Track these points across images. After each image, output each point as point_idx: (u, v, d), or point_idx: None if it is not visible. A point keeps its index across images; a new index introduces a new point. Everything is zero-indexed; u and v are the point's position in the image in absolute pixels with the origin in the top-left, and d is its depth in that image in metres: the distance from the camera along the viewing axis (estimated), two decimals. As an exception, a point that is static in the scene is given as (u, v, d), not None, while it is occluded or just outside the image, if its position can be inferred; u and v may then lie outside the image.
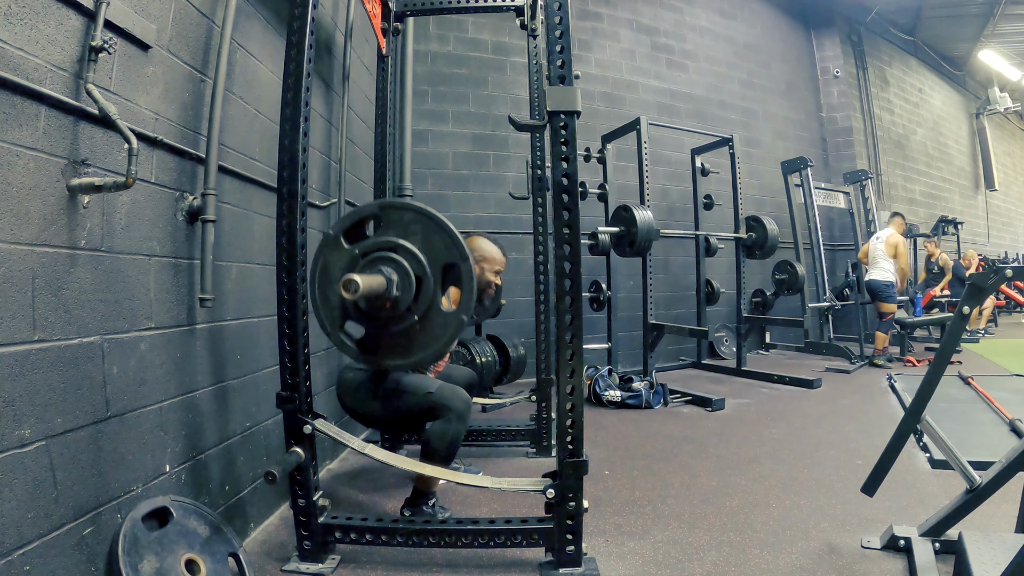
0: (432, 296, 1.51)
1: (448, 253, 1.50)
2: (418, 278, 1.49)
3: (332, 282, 1.53)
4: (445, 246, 1.50)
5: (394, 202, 1.54)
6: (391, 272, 1.47)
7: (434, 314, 1.53)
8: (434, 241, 1.51)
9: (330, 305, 1.56)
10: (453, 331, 1.54)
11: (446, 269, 1.51)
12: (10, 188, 1.15)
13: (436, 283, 1.51)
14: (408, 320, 1.52)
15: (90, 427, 1.33)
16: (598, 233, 4.22)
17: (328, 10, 2.98)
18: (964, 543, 1.50)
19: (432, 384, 1.97)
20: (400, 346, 1.56)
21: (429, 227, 1.51)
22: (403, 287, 1.48)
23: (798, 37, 7.91)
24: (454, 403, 1.93)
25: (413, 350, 1.56)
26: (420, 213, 1.51)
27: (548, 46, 1.67)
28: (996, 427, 3.18)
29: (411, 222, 1.52)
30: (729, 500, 2.29)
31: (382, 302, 1.47)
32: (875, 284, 5.58)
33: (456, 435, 1.93)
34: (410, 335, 1.54)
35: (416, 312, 1.51)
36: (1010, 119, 12.95)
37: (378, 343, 1.57)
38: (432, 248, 1.50)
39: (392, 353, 1.57)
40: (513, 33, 5.16)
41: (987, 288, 1.69)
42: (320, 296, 1.57)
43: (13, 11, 1.15)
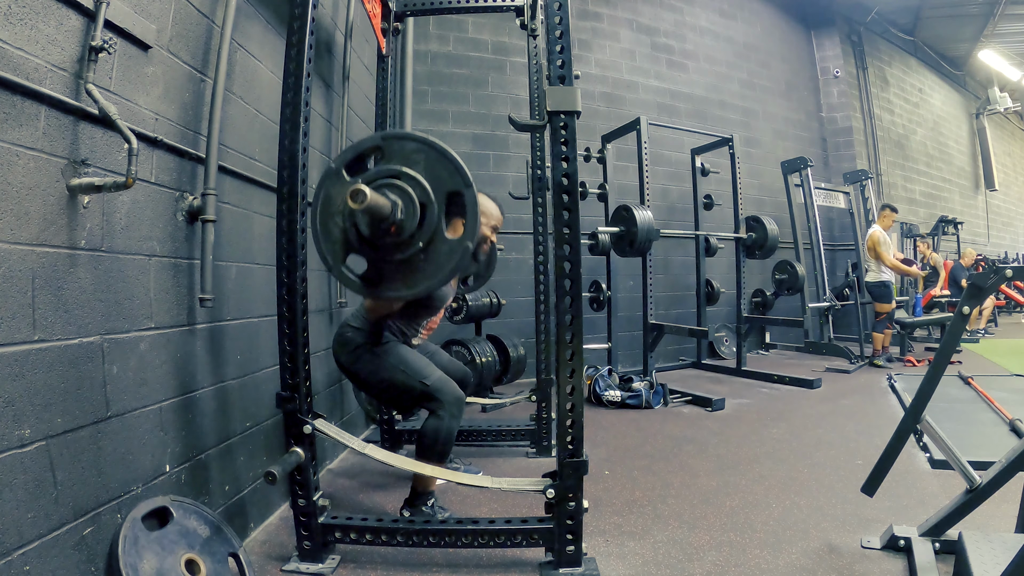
0: (436, 223, 1.48)
1: (452, 181, 1.47)
2: (422, 204, 1.46)
3: (334, 215, 1.51)
4: (449, 174, 1.47)
5: (396, 132, 1.51)
6: (396, 197, 1.45)
7: (438, 241, 1.49)
8: (438, 169, 1.48)
9: (332, 239, 1.52)
10: (457, 259, 1.49)
11: (450, 197, 1.48)
12: (10, 188, 1.15)
13: (440, 210, 1.48)
14: (412, 247, 1.48)
15: (90, 427, 1.33)
16: (598, 233, 4.22)
17: (328, 10, 2.98)
18: (964, 543, 1.50)
19: (430, 373, 1.97)
20: (403, 276, 1.52)
21: (432, 156, 1.48)
22: (407, 212, 1.45)
23: (798, 37, 7.91)
24: (446, 397, 1.94)
25: (417, 279, 1.52)
26: (423, 143, 1.49)
27: (548, 46, 1.67)
28: (996, 427, 3.18)
29: (413, 152, 1.49)
30: (729, 500, 2.29)
31: (386, 226, 1.44)
32: (868, 285, 5.60)
33: (449, 432, 1.94)
34: (414, 264, 1.50)
35: (420, 239, 1.47)
36: (1010, 119, 12.95)
37: (380, 275, 1.53)
38: (436, 176, 1.47)
39: (395, 283, 1.53)
40: (513, 33, 5.16)
41: (987, 288, 1.69)
42: (322, 230, 1.53)
43: (13, 11, 1.15)
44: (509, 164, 5.17)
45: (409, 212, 1.46)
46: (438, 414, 1.94)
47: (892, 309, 5.57)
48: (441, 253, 1.49)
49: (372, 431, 3.33)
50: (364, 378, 2.06)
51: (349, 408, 3.20)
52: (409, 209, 1.45)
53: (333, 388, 2.97)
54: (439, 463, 1.94)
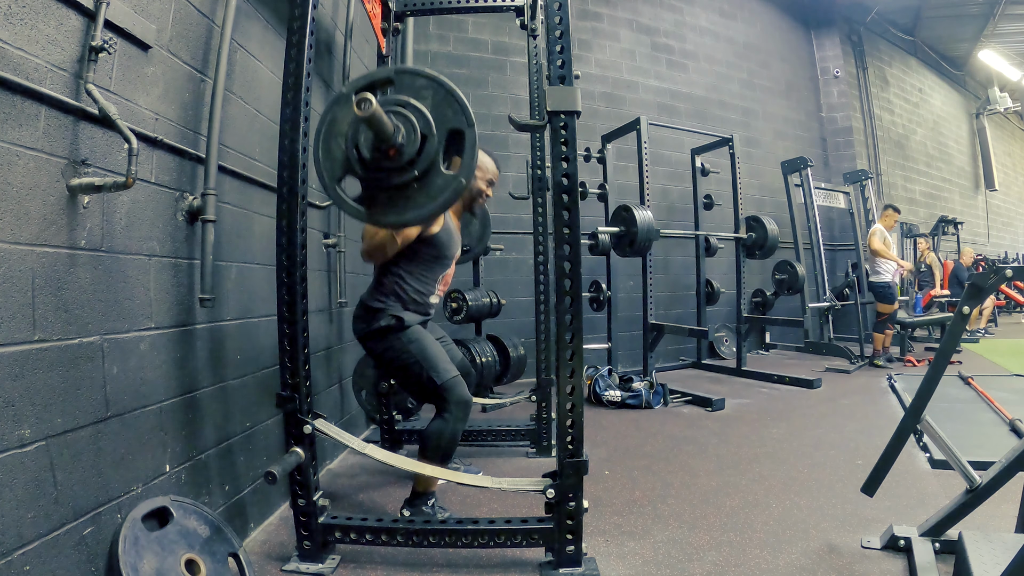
0: (435, 155, 1.50)
1: (456, 119, 1.50)
2: (424, 135, 1.49)
3: (337, 136, 1.52)
4: (453, 112, 1.50)
5: (408, 68, 1.55)
6: (399, 123, 1.48)
7: (434, 174, 1.51)
8: (443, 107, 1.51)
9: (332, 158, 1.54)
10: (450, 194, 1.51)
11: (452, 134, 1.50)
12: (10, 188, 1.15)
13: (440, 144, 1.50)
14: (408, 174, 1.50)
15: (90, 427, 1.33)
16: (598, 233, 4.22)
17: (328, 10, 2.98)
18: (964, 543, 1.50)
19: (444, 371, 1.97)
20: (395, 203, 1.54)
21: (440, 94, 1.51)
22: (409, 139, 1.48)
23: (798, 37, 7.91)
24: (453, 399, 1.94)
25: (408, 208, 1.53)
26: (433, 80, 1.52)
27: (548, 46, 1.67)
28: (996, 427, 3.18)
29: (423, 87, 1.52)
30: (729, 500, 2.29)
31: (386, 148, 1.47)
32: (871, 285, 5.59)
33: (454, 434, 1.94)
34: (407, 192, 1.52)
35: (417, 167, 1.50)
36: (1010, 119, 12.95)
37: (373, 200, 1.55)
38: (441, 112, 1.50)
39: (386, 208, 1.55)
40: (513, 33, 5.16)
41: (987, 288, 1.69)
42: (323, 150, 1.55)
43: (13, 11, 1.15)
44: (509, 164, 5.16)
45: (410, 138, 1.48)
46: (443, 416, 1.94)
47: (894, 310, 5.56)
48: (435, 185, 1.51)
49: (372, 431, 3.33)
50: (383, 359, 2.07)
51: (349, 408, 3.20)
52: (411, 136, 1.48)
53: (333, 388, 2.97)
54: (441, 464, 1.95)
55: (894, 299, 5.57)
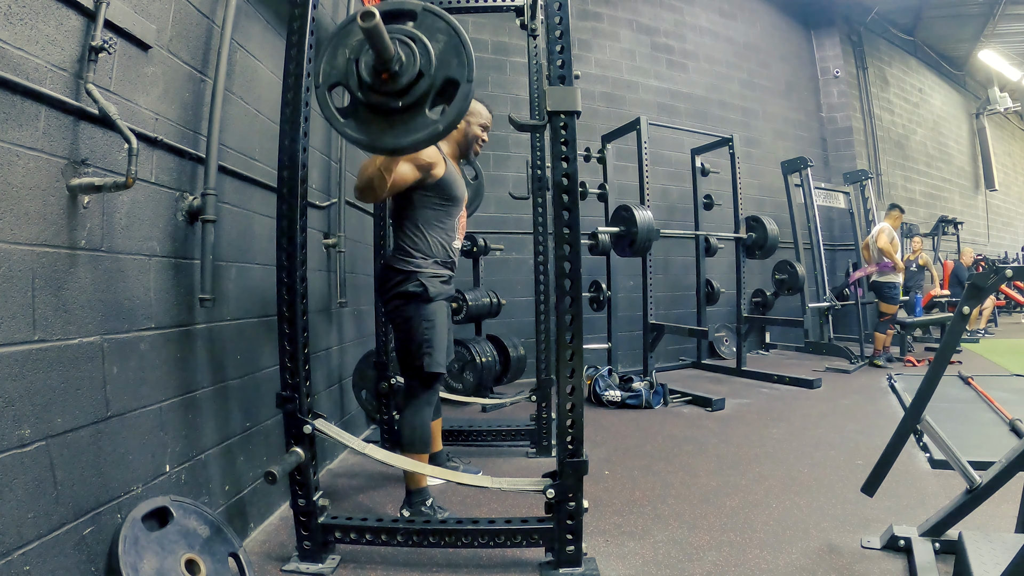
0: (424, 94, 1.51)
1: (457, 69, 1.52)
2: (421, 72, 1.50)
3: (345, 47, 1.55)
4: (458, 63, 1.52)
5: (435, 9, 1.58)
6: (401, 51, 1.49)
7: (416, 112, 1.53)
8: (450, 53, 1.52)
9: (333, 63, 1.56)
10: (424, 136, 1.53)
11: (448, 82, 1.52)
12: (10, 188, 1.15)
13: (434, 87, 1.52)
14: (392, 103, 1.52)
15: (90, 427, 1.33)
16: (598, 233, 4.22)
17: (328, 10, 2.98)
18: (964, 543, 1.50)
19: (435, 361, 2.02)
20: (373, 125, 1.56)
21: (453, 41, 1.53)
22: (405, 69, 1.49)
23: (798, 37, 7.91)
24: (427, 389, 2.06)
25: (383, 134, 1.55)
26: (452, 29, 1.55)
27: (548, 46, 1.67)
28: (996, 427, 3.18)
29: (440, 31, 1.54)
30: (729, 500, 2.29)
31: (382, 68, 1.48)
32: (875, 284, 5.56)
33: (423, 420, 2.05)
34: (387, 120, 1.54)
35: (403, 100, 1.51)
36: (1010, 119, 12.95)
37: (356, 114, 1.57)
38: (446, 57, 1.52)
39: (362, 128, 1.57)
40: (513, 33, 5.17)
41: (987, 288, 1.69)
42: (329, 53, 1.57)
43: (13, 11, 1.15)
44: (509, 164, 5.17)
45: (407, 68, 1.49)
46: (410, 403, 2.07)
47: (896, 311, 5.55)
48: (415, 121, 1.53)
49: (372, 431, 3.33)
50: (396, 321, 2.12)
51: (349, 408, 3.20)
52: (408, 66, 1.49)
53: (333, 388, 2.97)
54: (423, 452, 2.05)
55: (897, 299, 5.56)
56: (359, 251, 3.29)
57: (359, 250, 3.29)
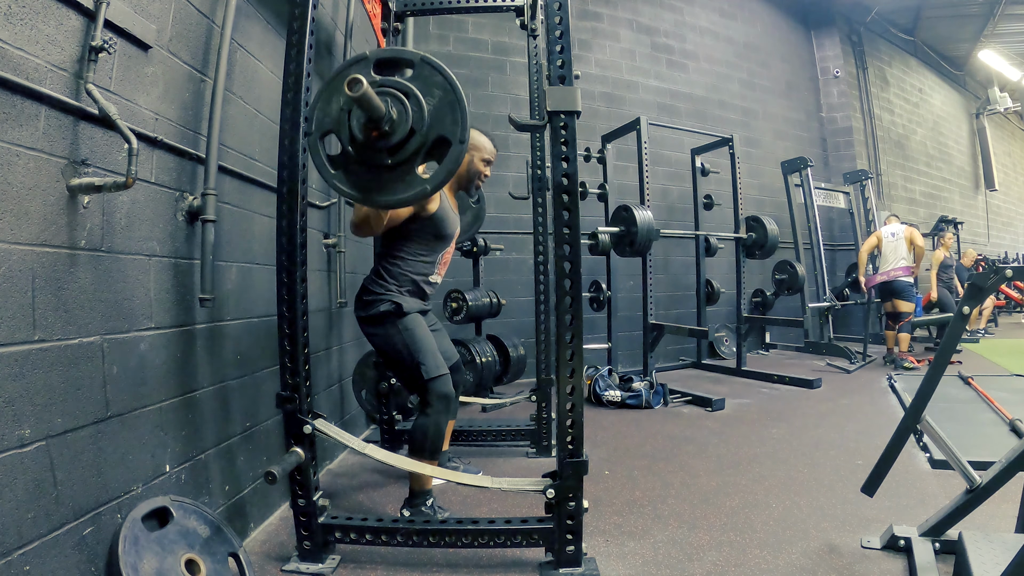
0: (415, 152, 1.50)
1: (451, 128, 1.50)
2: (412, 130, 1.49)
3: (340, 93, 1.52)
4: (451, 121, 1.50)
5: (434, 61, 1.54)
6: (393, 109, 1.48)
7: (405, 170, 1.52)
8: (444, 112, 1.50)
9: (327, 111, 1.55)
10: (414, 194, 1.53)
11: (439, 140, 1.51)
12: (10, 188, 1.15)
13: (424, 145, 1.50)
14: (380, 159, 1.51)
15: (90, 427, 1.33)
16: (598, 233, 4.22)
17: (328, 10, 2.98)
18: (964, 543, 1.51)
19: (432, 366, 1.99)
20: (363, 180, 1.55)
21: (449, 98, 1.51)
22: (396, 128, 1.48)
23: (798, 37, 7.91)
24: (436, 394, 1.99)
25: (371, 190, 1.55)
26: (449, 83, 1.52)
27: (548, 46, 1.67)
28: (996, 427, 3.18)
29: (436, 85, 1.52)
30: (729, 500, 2.29)
31: (372, 126, 1.47)
32: (899, 284, 5.37)
33: (437, 427, 1.99)
34: (375, 176, 1.53)
35: (393, 158, 1.50)
36: (1010, 119, 12.94)
37: (346, 167, 1.56)
38: (439, 115, 1.50)
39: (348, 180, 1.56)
40: (513, 33, 5.16)
41: (987, 288, 1.69)
42: (323, 100, 1.55)
43: (13, 11, 1.15)
44: (509, 164, 5.17)
45: (398, 128, 1.48)
46: (426, 411, 1.99)
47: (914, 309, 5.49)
48: (401, 181, 1.52)
49: (372, 431, 3.33)
50: (376, 342, 2.10)
51: (349, 408, 3.20)
52: (399, 126, 1.48)
53: (333, 388, 2.97)
54: (432, 459, 1.98)
55: (914, 298, 5.51)
56: (359, 251, 3.30)
57: (359, 250, 3.29)
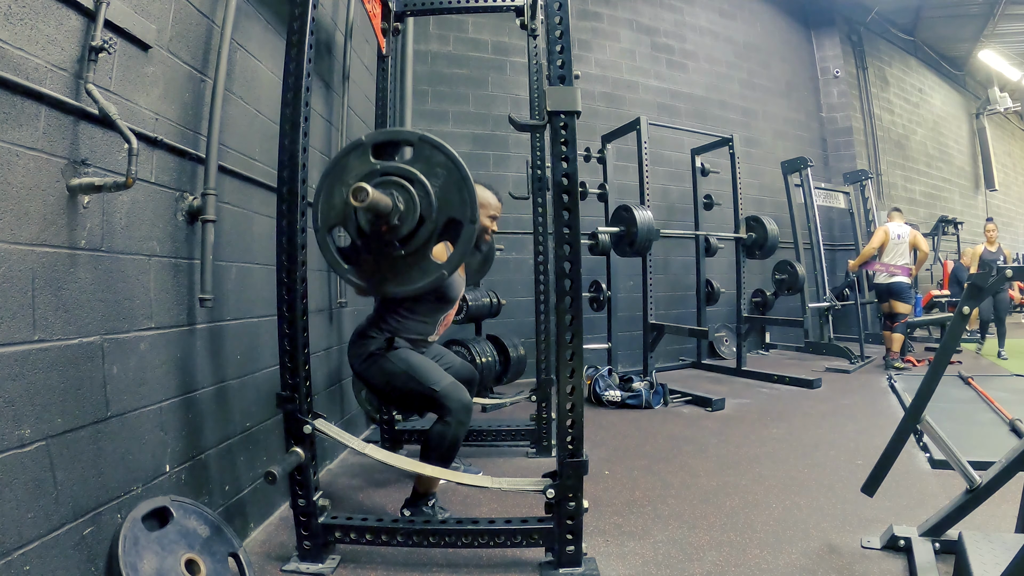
0: (427, 240, 1.51)
1: (460, 210, 1.50)
2: (422, 217, 1.48)
3: (342, 184, 1.53)
4: (460, 201, 1.50)
5: (433, 139, 1.53)
6: (400, 200, 1.47)
7: (420, 258, 1.53)
8: (451, 191, 1.50)
9: (331, 204, 1.55)
10: (431, 281, 1.54)
11: (450, 222, 1.51)
12: (10, 188, 1.15)
13: (436, 230, 1.51)
14: (395, 251, 1.51)
15: (90, 427, 1.33)
16: (598, 233, 4.22)
17: (328, 10, 2.98)
18: (964, 543, 1.50)
19: (439, 380, 1.97)
20: (377, 272, 1.55)
21: (453, 177, 1.51)
22: (405, 219, 1.48)
23: (798, 37, 7.91)
24: (454, 405, 1.93)
25: (387, 281, 1.56)
26: (451, 161, 1.51)
27: (548, 46, 1.67)
28: (996, 427, 3.18)
29: (439, 164, 1.51)
30: (729, 500, 2.29)
31: (381, 223, 1.47)
32: (901, 285, 5.35)
33: (455, 438, 1.93)
34: (390, 266, 1.54)
35: (405, 248, 1.51)
36: (1010, 119, 12.94)
37: (357, 259, 1.56)
38: (447, 197, 1.50)
39: (365, 275, 1.57)
40: (513, 33, 5.16)
41: (987, 288, 1.69)
42: (326, 192, 1.56)
43: (13, 11, 1.15)
44: (509, 164, 5.17)
45: (406, 220, 1.48)
46: (446, 420, 1.93)
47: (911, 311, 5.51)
48: (418, 268, 1.53)
49: (372, 431, 3.33)
50: (376, 383, 2.06)
51: (349, 408, 3.20)
52: (408, 217, 1.48)
53: (333, 388, 2.97)
54: (442, 464, 1.94)
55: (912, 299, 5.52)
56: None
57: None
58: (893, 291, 5.41)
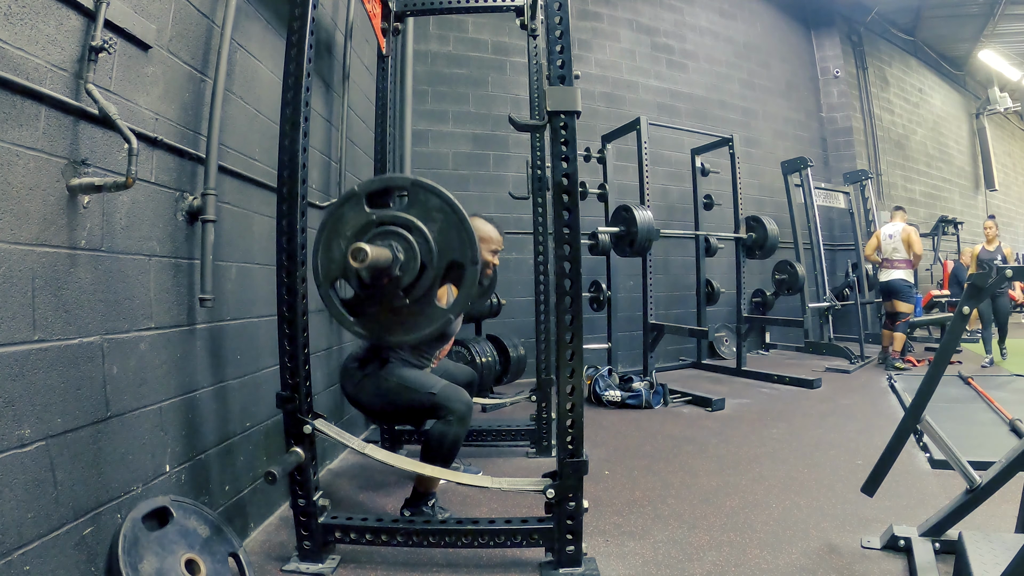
0: (430, 286, 1.51)
1: (460, 252, 1.49)
2: (423, 264, 1.48)
3: (340, 236, 1.52)
4: (459, 243, 1.49)
5: (426, 184, 1.52)
6: (399, 250, 1.47)
7: (425, 304, 1.52)
8: (450, 234, 1.50)
9: (330, 257, 1.55)
10: (438, 327, 1.54)
11: (452, 266, 1.51)
12: (10, 188, 1.15)
13: (438, 275, 1.50)
14: (399, 301, 1.51)
15: (90, 427, 1.33)
16: (598, 233, 4.22)
17: (328, 10, 2.98)
18: (964, 543, 1.51)
19: (435, 384, 1.97)
20: (382, 321, 1.55)
21: (451, 220, 1.50)
22: (406, 269, 1.47)
23: (798, 37, 7.91)
24: (455, 405, 1.93)
25: (393, 330, 1.55)
26: (447, 203, 1.51)
27: (548, 46, 1.67)
28: (996, 427, 3.18)
29: (435, 208, 1.50)
30: (729, 500, 2.29)
31: (382, 276, 1.47)
32: (898, 284, 5.39)
33: (456, 437, 1.93)
34: (395, 315, 1.54)
35: (409, 297, 1.50)
36: (1010, 119, 12.93)
37: (362, 310, 1.56)
38: (446, 240, 1.50)
39: (371, 326, 1.56)
40: (513, 33, 5.16)
41: (987, 288, 1.69)
42: (324, 246, 1.55)
43: (13, 11, 1.15)
44: (509, 164, 5.17)
45: (408, 269, 1.48)
46: (447, 419, 1.93)
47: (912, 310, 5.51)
48: (424, 315, 1.53)
49: (372, 431, 3.32)
50: (372, 404, 2.06)
51: (349, 408, 3.19)
52: (409, 266, 1.48)
53: (333, 388, 2.97)
54: (443, 465, 1.94)
55: (913, 298, 5.53)
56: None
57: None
58: (892, 290, 5.44)
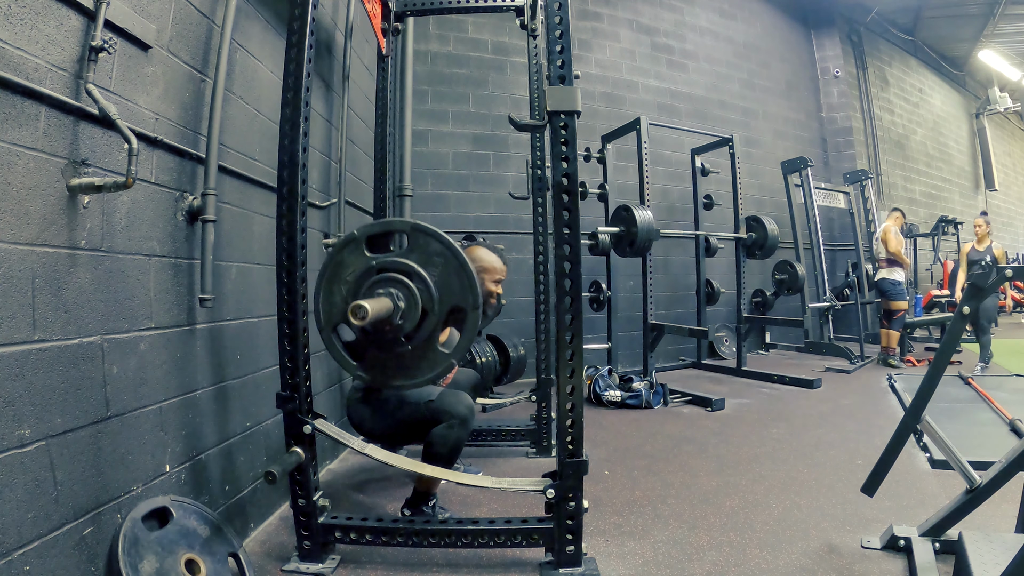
0: (432, 332, 1.52)
1: (461, 297, 1.50)
2: (425, 311, 1.49)
3: (340, 282, 1.53)
4: (460, 288, 1.50)
5: (426, 228, 1.53)
6: (400, 298, 1.47)
7: (428, 349, 1.54)
8: (451, 279, 1.50)
9: (331, 302, 1.56)
10: (440, 371, 1.56)
11: (453, 311, 1.51)
12: (10, 188, 1.15)
13: (439, 321, 1.51)
14: (400, 347, 1.52)
15: (90, 427, 1.33)
16: (598, 233, 4.22)
17: (328, 10, 2.98)
18: (964, 543, 1.51)
19: (432, 391, 1.97)
20: (385, 366, 1.57)
21: (451, 264, 1.51)
22: (408, 316, 1.48)
23: (798, 37, 7.91)
24: (456, 408, 1.93)
25: (396, 374, 1.57)
26: (447, 248, 1.51)
27: (548, 46, 1.67)
28: (996, 427, 3.18)
29: (435, 253, 1.51)
30: (729, 500, 2.29)
31: (384, 324, 1.48)
32: (882, 283, 5.60)
33: (458, 440, 1.93)
34: (398, 360, 1.55)
35: (412, 343, 1.52)
36: (1010, 119, 12.94)
37: (364, 354, 1.58)
38: (447, 286, 1.50)
39: (374, 369, 1.58)
40: (513, 33, 5.16)
41: (987, 288, 1.69)
42: (325, 291, 1.56)
43: (13, 11, 1.15)
44: (509, 164, 5.17)
45: (409, 316, 1.48)
46: (450, 423, 1.93)
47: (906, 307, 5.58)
48: (427, 360, 1.54)
49: (372, 431, 3.32)
50: (375, 428, 2.05)
51: (349, 408, 3.20)
52: (410, 313, 1.48)
53: (333, 388, 2.97)
54: (444, 466, 1.94)
55: (905, 296, 5.57)
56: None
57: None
58: (879, 289, 5.67)
